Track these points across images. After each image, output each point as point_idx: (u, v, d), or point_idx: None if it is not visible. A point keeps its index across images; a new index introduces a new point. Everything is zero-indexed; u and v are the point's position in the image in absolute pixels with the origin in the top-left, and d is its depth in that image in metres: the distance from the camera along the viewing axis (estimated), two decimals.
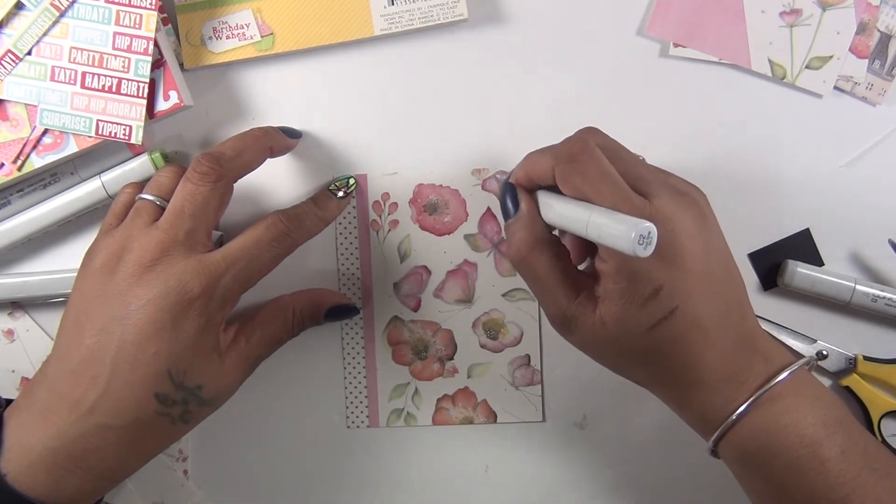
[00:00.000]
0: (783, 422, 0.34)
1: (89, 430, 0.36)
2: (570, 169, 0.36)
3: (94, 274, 0.38)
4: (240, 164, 0.41)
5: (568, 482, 0.48)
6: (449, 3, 0.44)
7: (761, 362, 0.35)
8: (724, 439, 0.36)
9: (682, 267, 0.34)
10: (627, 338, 0.35)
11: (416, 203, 0.47)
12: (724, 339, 0.35)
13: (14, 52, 0.42)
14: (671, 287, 0.34)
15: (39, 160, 0.43)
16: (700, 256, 0.35)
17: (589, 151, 0.36)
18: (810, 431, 0.34)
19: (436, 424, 0.48)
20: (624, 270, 0.34)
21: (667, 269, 0.34)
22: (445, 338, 0.47)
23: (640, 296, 0.34)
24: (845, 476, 0.34)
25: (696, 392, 0.36)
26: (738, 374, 0.35)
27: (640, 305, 0.34)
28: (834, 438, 0.34)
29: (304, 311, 0.44)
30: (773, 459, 0.34)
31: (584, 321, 0.36)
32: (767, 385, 0.35)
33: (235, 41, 0.45)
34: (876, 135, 0.45)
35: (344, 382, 0.48)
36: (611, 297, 0.35)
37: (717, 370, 0.35)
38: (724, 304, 0.35)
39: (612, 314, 0.35)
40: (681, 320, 0.34)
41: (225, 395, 0.40)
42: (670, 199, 0.35)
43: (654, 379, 0.37)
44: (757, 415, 0.35)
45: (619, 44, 0.45)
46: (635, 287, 0.34)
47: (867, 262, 0.46)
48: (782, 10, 0.44)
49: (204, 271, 0.38)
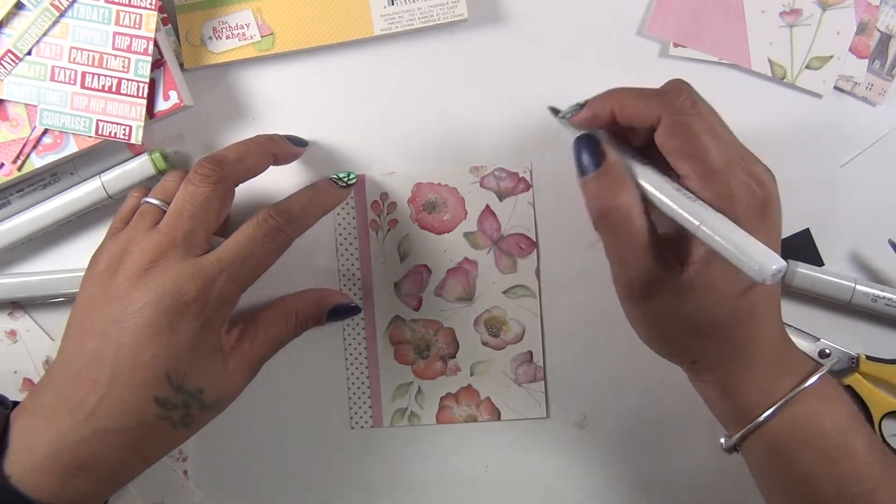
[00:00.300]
0: (819, 409, 0.35)
1: (90, 434, 0.36)
2: (683, 123, 0.34)
3: (97, 277, 0.39)
4: (242, 169, 0.40)
5: (568, 482, 0.48)
6: (449, 3, 0.44)
7: (797, 353, 0.37)
8: (755, 433, 0.36)
9: (774, 235, 0.35)
10: (713, 304, 0.35)
11: (414, 202, 0.47)
12: (778, 320, 0.37)
13: (14, 52, 0.42)
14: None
15: (39, 160, 0.43)
16: (780, 228, 0.35)
17: (700, 107, 0.35)
18: (843, 423, 0.35)
19: (440, 423, 0.48)
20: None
21: (768, 233, 0.34)
22: (447, 336, 0.47)
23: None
24: (873, 469, 0.34)
25: (750, 371, 0.36)
26: (785, 358, 0.36)
27: (734, 268, 0.34)
28: (860, 431, 0.35)
29: (307, 311, 0.44)
30: (806, 447, 0.35)
31: (670, 284, 0.35)
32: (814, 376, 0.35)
33: (235, 41, 0.45)
34: (876, 135, 0.45)
35: (347, 383, 0.48)
36: (704, 259, 0.34)
37: (772, 351, 0.36)
38: (779, 283, 0.36)
39: (704, 276, 0.34)
40: (768, 291, 0.35)
41: (228, 398, 0.40)
42: (763, 173, 0.35)
43: (715, 356, 0.36)
44: (796, 403, 0.35)
45: (619, 44, 0.45)
46: None
47: (867, 262, 0.46)
48: (782, 10, 0.44)
49: (199, 274, 0.38)
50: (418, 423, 0.48)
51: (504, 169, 0.46)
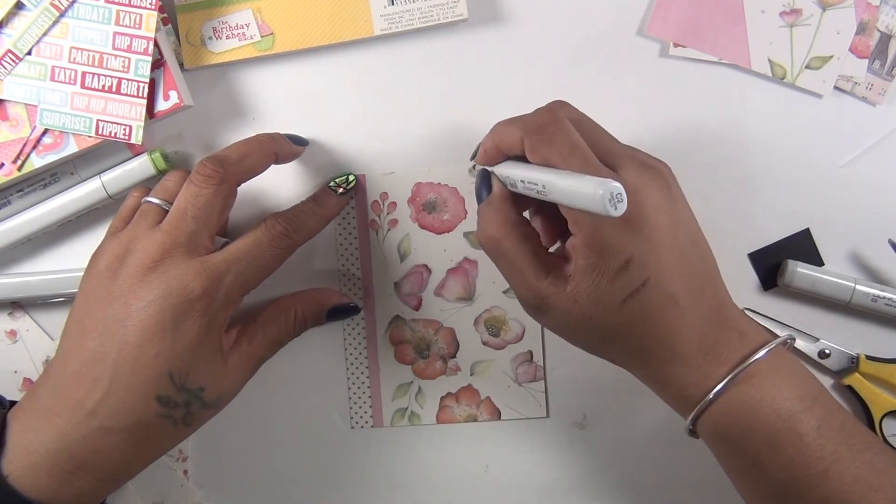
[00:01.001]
0: (759, 397, 0.34)
1: (91, 433, 0.36)
2: (540, 140, 0.35)
3: (98, 276, 0.39)
4: (243, 169, 0.41)
5: (567, 482, 0.48)
6: (449, 3, 0.44)
7: (736, 338, 0.35)
8: (701, 417, 0.36)
9: (651, 238, 0.34)
10: (600, 314, 0.35)
11: (414, 202, 0.47)
12: (697, 311, 0.35)
13: (14, 52, 0.42)
14: (641, 258, 0.34)
15: (39, 160, 0.43)
16: (669, 228, 0.35)
17: (558, 123, 0.36)
18: (787, 406, 0.34)
19: (440, 423, 0.48)
20: (594, 243, 0.34)
21: (637, 240, 0.34)
22: (447, 336, 0.47)
23: (611, 268, 0.34)
24: (823, 451, 0.33)
25: (671, 367, 0.35)
26: (713, 348, 0.35)
27: (611, 278, 0.34)
28: (811, 413, 0.34)
29: (306, 311, 0.44)
30: (750, 435, 0.34)
31: (556, 300, 0.36)
32: (746, 362, 0.34)
33: (235, 41, 0.45)
34: (876, 135, 0.45)
35: (347, 383, 0.48)
36: (582, 273, 0.35)
37: (691, 344, 0.35)
38: (694, 277, 0.35)
39: (583, 290, 0.35)
40: (653, 292, 0.34)
41: (227, 397, 0.40)
42: (638, 172, 0.35)
43: (630, 356, 0.37)
44: (734, 391, 0.35)
45: (619, 44, 0.45)
46: (606, 259, 0.34)
47: (867, 262, 0.46)
48: (782, 10, 0.44)
49: (205, 272, 0.38)
50: (418, 423, 0.48)
51: None
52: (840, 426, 0.34)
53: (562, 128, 0.36)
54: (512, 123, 0.38)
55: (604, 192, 0.30)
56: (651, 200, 0.35)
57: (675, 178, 0.37)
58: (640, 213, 0.34)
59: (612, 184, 0.30)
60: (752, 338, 0.35)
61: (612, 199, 0.30)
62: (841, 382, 0.46)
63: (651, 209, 0.35)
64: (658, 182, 0.36)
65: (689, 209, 0.37)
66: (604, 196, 0.30)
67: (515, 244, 0.37)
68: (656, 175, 0.36)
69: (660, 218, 0.35)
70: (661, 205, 0.35)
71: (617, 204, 0.30)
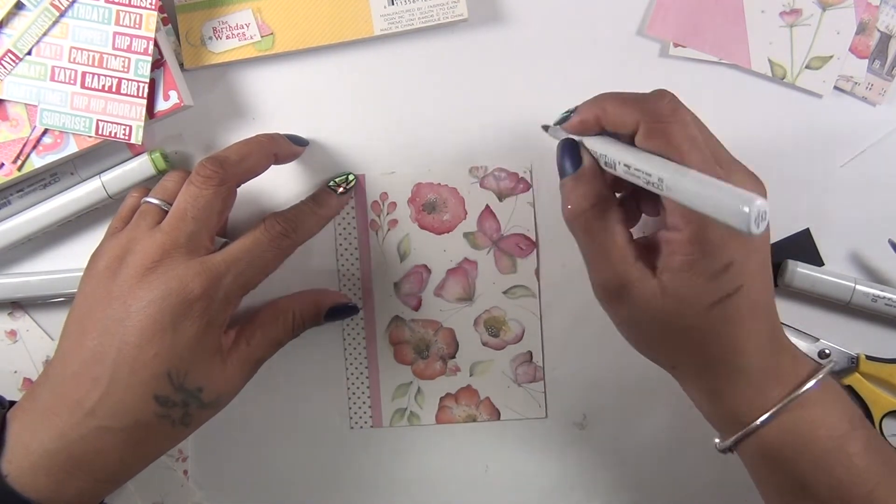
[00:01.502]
0: (812, 419, 0.35)
1: (90, 433, 0.36)
2: (659, 129, 0.34)
3: (97, 276, 0.39)
4: (243, 169, 0.41)
5: (567, 482, 0.48)
6: (449, 3, 0.44)
7: (790, 359, 0.36)
8: (748, 438, 0.36)
9: (752, 247, 0.34)
10: (683, 313, 0.34)
11: (414, 202, 0.47)
12: (767, 328, 0.35)
13: (14, 52, 0.42)
14: (741, 265, 0.34)
15: (39, 160, 0.43)
16: (766, 240, 0.35)
17: (680, 113, 0.34)
18: (838, 426, 0.35)
19: (439, 423, 0.48)
20: (700, 241, 0.33)
21: (741, 246, 0.34)
22: (447, 336, 0.47)
23: (711, 269, 0.33)
24: (870, 471, 0.34)
25: (732, 381, 0.35)
26: (773, 368, 0.35)
27: (707, 279, 0.33)
28: (858, 433, 0.35)
29: (304, 312, 0.44)
30: (799, 455, 0.35)
31: (640, 289, 0.35)
32: (805, 386, 0.35)
33: (235, 41, 0.45)
34: (876, 135, 0.45)
35: (346, 383, 0.48)
36: (679, 268, 0.34)
37: (757, 361, 0.35)
38: (769, 293, 0.36)
39: (674, 284, 0.34)
40: (742, 301, 0.34)
41: (226, 398, 0.40)
42: (746, 179, 0.35)
43: (695, 363, 0.36)
44: (787, 414, 0.35)
45: (619, 44, 0.45)
46: (708, 259, 0.33)
47: (867, 262, 0.46)
48: (782, 10, 0.44)
49: (205, 273, 0.38)
50: (418, 424, 0.48)
51: (504, 169, 0.46)
52: (881, 447, 0.35)
53: (683, 120, 0.34)
54: (626, 102, 0.35)
55: (750, 209, 0.28)
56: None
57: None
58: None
59: (758, 201, 0.29)
60: (803, 361, 0.36)
61: (757, 217, 0.29)
62: (841, 382, 0.46)
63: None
64: (762, 193, 0.35)
65: None
66: (750, 214, 0.28)
67: (605, 223, 0.35)
68: (761, 187, 0.36)
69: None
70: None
71: (760, 223, 0.29)
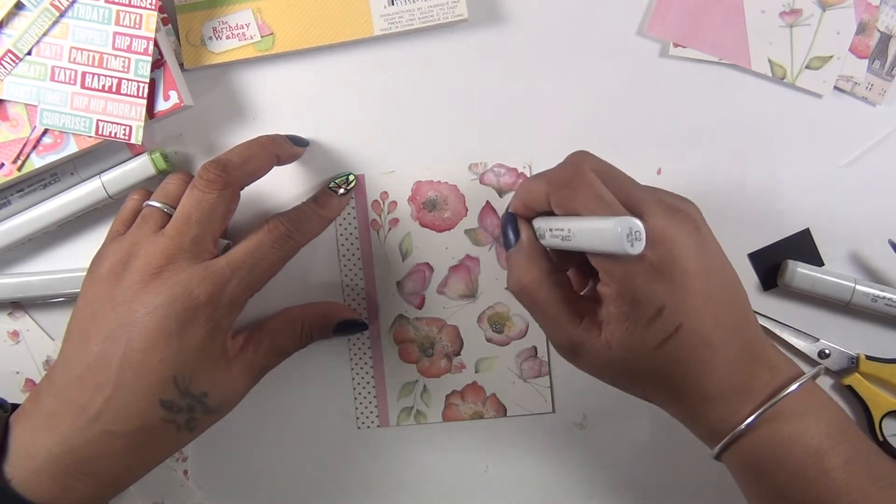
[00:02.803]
0: (788, 432, 0.35)
1: (94, 437, 0.36)
2: (566, 194, 0.36)
3: (100, 280, 0.39)
4: (246, 172, 0.41)
5: (568, 481, 0.48)
6: (449, 3, 0.44)
7: (766, 373, 0.36)
8: (729, 449, 0.36)
9: (682, 285, 0.34)
10: (634, 359, 0.35)
11: (415, 200, 0.47)
12: (729, 351, 0.35)
13: (14, 52, 0.42)
14: (674, 306, 0.34)
15: (39, 160, 0.43)
16: (700, 273, 0.35)
17: (582, 175, 0.36)
18: (815, 442, 0.34)
19: (446, 421, 0.48)
20: (626, 292, 0.34)
21: (668, 288, 0.34)
22: (451, 334, 0.47)
23: (644, 317, 0.34)
24: (849, 486, 0.34)
25: (703, 405, 0.36)
26: (744, 384, 0.35)
27: (644, 326, 0.34)
28: (838, 449, 0.34)
29: (314, 324, 0.44)
30: (777, 470, 0.35)
31: (590, 346, 0.36)
32: (775, 398, 0.35)
33: (235, 41, 0.45)
34: (876, 135, 0.45)
35: (352, 383, 0.48)
36: (615, 320, 0.35)
37: (723, 383, 0.35)
38: (727, 318, 0.36)
39: (617, 337, 0.35)
40: (686, 338, 0.34)
41: (230, 403, 0.40)
42: (665, 218, 0.35)
43: (663, 395, 0.37)
44: (764, 428, 0.35)
45: (619, 44, 0.45)
46: (638, 308, 0.34)
47: (867, 262, 0.46)
48: (782, 10, 0.44)
49: (210, 278, 0.38)
50: (424, 422, 0.48)
51: (503, 164, 0.46)
52: (866, 461, 0.35)
53: (586, 180, 0.35)
54: (537, 180, 0.38)
55: (622, 229, 0.29)
56: (680, 246, 0.34)
57: (702, 216, 0.37)
58: (670, 259, 0.34)
59: (629, 220, 0.30)
60: (782, 373, 0.36)
61: (629, 235, 0.29)
62: (841, 382, 0.46)
63: (681, 255, 0.34)
64: (686, 226, 0.35)
65: (719, 247, 0.37)
66: (622, 233, 0.29)
67: (548, 292, 0.37)
68: (684, 219, 0.36)
69: (690, 263, 0.34)
70: (691, 249, 0.35)
71: (634, 242, 0.30)
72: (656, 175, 0.46)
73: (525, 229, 0.39)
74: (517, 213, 0.39)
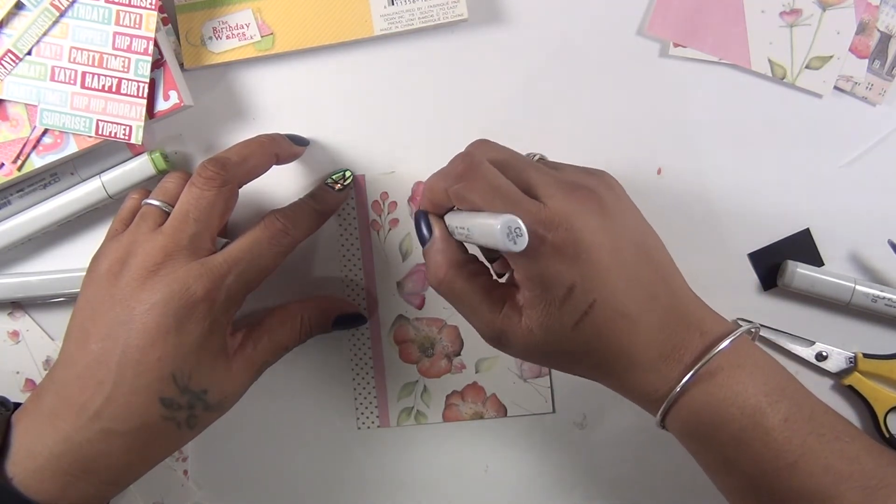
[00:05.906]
0: (722, 395, 0.34)
1: (95, 436, 0.36)
2: (462, 188, 0.36)
3: (99, 279, 0.39)
4: (245, 170, 0.41)
5: (568, 481, 0.48)
6: (449, 3, 0.44)
7: (697, 336, 0.35)
8: (668, 415, 0.36)
9: (589, 262, 0.34)
10: (556, 340, 0.35)
11: (415, 201, 0.47)
12: (652, 319, 0.35)
13: (14, 52, 0.42)
14: (584, 283, 0.34)
15: (39, 160, 0.43)
16: (607, 246, 0.35)
17: (475, 167, 0.36)
18: (751, 402, 0.34)
19: (446, 421, 0.48)
20: (534, 276, 0.35)
21: (575, 267, 0.34)
22: (451, 334, 0.47)
23: (556, 297, 0.34)
24: (791, 443, 0.33)
25: (633, 375, 0.36)
26: (673, 350, 0.35)
27: (558, 307, 0.35)
28: (777, 406, 0.34)
29: (313, 318, 0.44)
30: (716, 432, 0.35)
31: (513, 332, 0.36)
32: (704, 359, 0.34)
33: (235, 41, 0.45)
34: (876, 135, 0.45)
35: (352, 384, 0.48)
36: (530, 304, 0.35)
37: (649, 351, 0.35)
38: (644, 286, 0.35)
39: (535, 320, 0.35)
40: (601, 313, 0.34)
41: (230, 399, 0.40)
42: (565, 198, 0.35)
43: (595, 372, 0.37)
44: (696, 390, 0.35)
45: (619, 44, 0.45)
46: (549, 290, 0.34)
47: (867, 262, 0.46)
48: (782, 10, 0.44)
49: (207, 274, 0.38)
50: (425, 422, 0.48)
51: None
52: (808, 416, 0.34)
53: (479, 172, 0.36)
54: (437, 177, 0.38)
55: (501, 227, 0.30)
56: (582, 224, 0.34)
57: (612, 186, 0.37)
58: (572, 239, 0.34)
59: (508, 218, 0.30)
60: (713, 334, 0.35)
61: (510, 234, 0.30)
62: (841, 383, 0.46)
63: (583, 232, 0.34)
64: (589, 203, 0.35)
65: (634, 215, 0.37)
66: (502, 232, 0.30)
67: (466, 283, 0.37)
68: (586, 196, 0.35)
69: (595, 238, 0.34)
70: (594, 225, 0.35)
71: (517, 238, 0.30)
72: (656, 175, 0.46)
73: (437, 225, 0.39)
74: (427, 210, 0.39)
